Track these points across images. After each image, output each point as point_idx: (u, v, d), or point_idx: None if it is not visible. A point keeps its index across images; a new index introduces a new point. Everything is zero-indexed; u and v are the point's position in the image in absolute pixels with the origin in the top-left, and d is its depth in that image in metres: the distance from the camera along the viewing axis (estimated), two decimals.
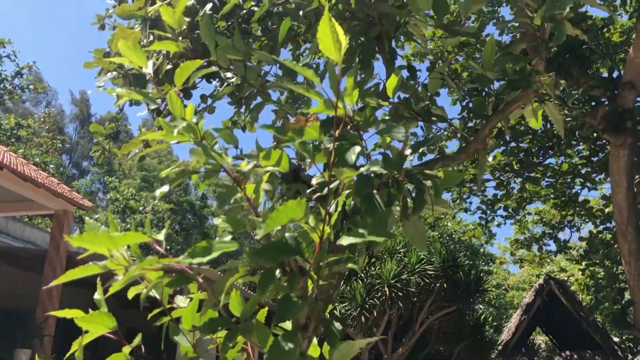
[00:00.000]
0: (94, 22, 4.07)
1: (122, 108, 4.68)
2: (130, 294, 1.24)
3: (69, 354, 1.24)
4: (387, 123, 1.36)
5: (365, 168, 1.21)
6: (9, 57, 22.73)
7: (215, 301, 1.20)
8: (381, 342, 12.58)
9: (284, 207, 1.01)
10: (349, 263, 1.20)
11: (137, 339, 1.27)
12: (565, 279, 17.62)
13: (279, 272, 1.16)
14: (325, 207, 1.16)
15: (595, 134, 7.23)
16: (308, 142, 1.23)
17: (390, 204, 1.43)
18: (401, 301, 11.81)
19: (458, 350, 13.35)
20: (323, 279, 1.19)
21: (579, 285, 14.42)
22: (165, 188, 1.29)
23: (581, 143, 8.22)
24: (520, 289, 28.85)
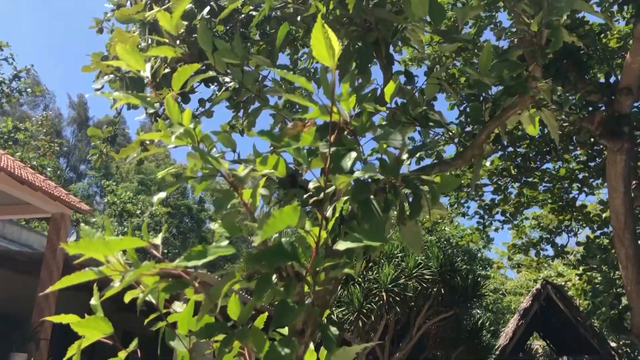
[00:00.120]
0: (92, 26, 4.08)
1: (119, 112, 4.69)
2: (127, 298, 1.24)
3: (65, 358, 1.23)
4: (384, 129, 1.36)
5: (360, 173, 1.21)
6: (6, 60, 22.69)
7: (212, 306, 1.20)
8: (378, 347, 12.55)
9: (279, 213, 1.00)
10: (345, 268, 1.20)
11: (133, 344, 1.27)
12: (562, 284, 17.58)
13: (275, 277, 1.16)
14: (321, 212, 1.16)
15: (592, 139, 7.24)
16: (303, 147, 1.23)
17: (388, 209, 1.43)
18: (398, 306, 11.79)
19: (455, 355, 13.32)
20: (320, 284, 1.19)
21: (576, 290, 14.44)
22: (163, 194, 1.29)
23: (578, 148, 8.23)
24: (517, 293, 28.81)
